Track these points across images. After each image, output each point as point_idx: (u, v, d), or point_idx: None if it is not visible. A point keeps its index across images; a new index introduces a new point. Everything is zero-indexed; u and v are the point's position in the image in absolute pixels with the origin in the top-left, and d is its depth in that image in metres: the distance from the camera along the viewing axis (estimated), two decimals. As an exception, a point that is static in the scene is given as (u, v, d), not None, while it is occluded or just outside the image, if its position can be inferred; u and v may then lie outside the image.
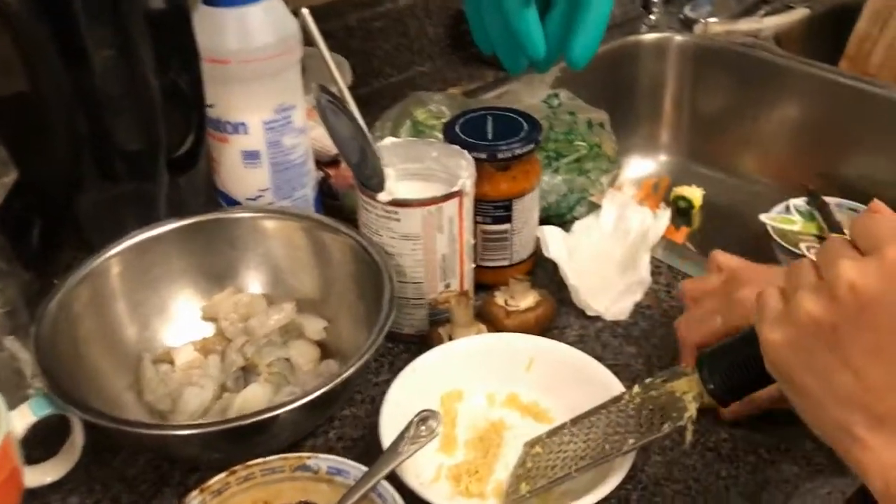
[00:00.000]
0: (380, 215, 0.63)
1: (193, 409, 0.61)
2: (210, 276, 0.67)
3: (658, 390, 0.53)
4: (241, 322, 0.66)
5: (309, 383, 0.62)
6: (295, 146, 0.70)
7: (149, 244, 0.65)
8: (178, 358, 0.64)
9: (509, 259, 0.73)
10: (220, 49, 0.65)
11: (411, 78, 1.12)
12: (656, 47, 1.22)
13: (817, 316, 0.41)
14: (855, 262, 0.41)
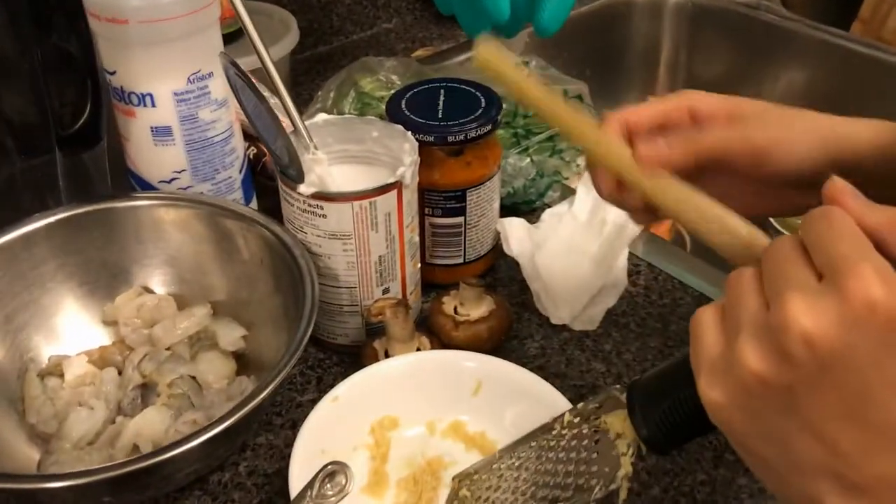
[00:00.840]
0: (302, 209, 0.54)
1: (79, 436, 0.52)
2: (103, 275, 0.58)
3: (591, 423, 0.45)
4: (145, 328, 0.57)
5: (217, 406, 0.53)
6: (214, 121, 0.60)
7: (25, 242, 0.55)
8: (68, 370, 0.55)
9: (463, 256, 0.63)
10: (117, 6, 0.54)
11: (375, 36, 1.01)
12: (650, 6, 1.11)
13: (765, 376, 0.32)
14: (807, 302, 0.31)
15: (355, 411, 0.51)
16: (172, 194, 0.60)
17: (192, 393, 0.53)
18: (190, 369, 0.54)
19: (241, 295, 0.58)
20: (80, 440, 0.52)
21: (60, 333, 0.57)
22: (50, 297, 0.56)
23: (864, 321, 0.30)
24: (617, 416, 0.44)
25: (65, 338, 0.57)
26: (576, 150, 0.72)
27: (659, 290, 0.65)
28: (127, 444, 0.51)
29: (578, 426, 0.45)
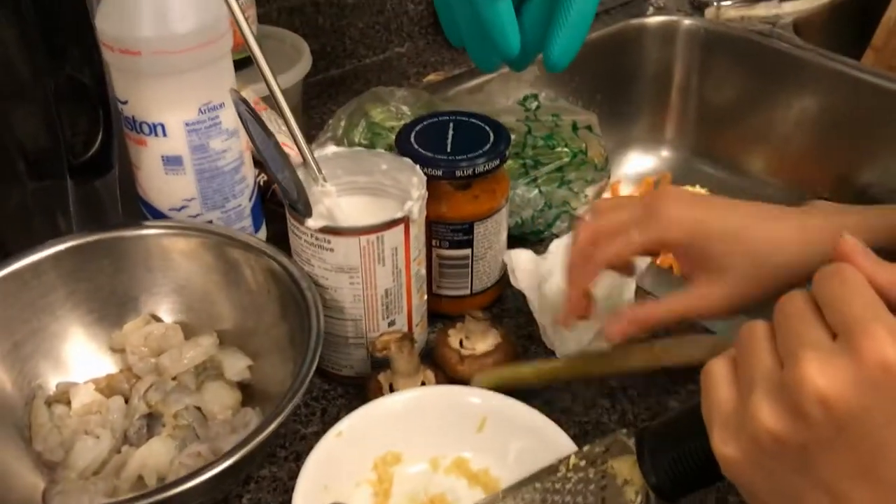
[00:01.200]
0: (310, 243, 0.54)
1: (85, 465, 0.52)
2: (112, 303, 0.58)
3: (598, 467, 0.45)
4: (152, 357, 0.57)
5: (222, 438, 0.53)
6: (225, 151, 0.61)
7: (34, 269, 0.55)
8: (75, 399, 0.55)
9: (470, 288, 0.63)
10: (130, 38, 0.54)
11: (388, 60, 1.01)
12: (662, 32, 1.11)
13: (780, 435, 0.32)
14: (822, 362, 0.31)
15: (359, 446, 0.51)
16: (181, 223, 0.60)
17: (197, 424, 0.53)
18: (195, 400, 0.54)
19: (247, 325, 0.58)
20: (85, 469, 0.52)
21: (68, 361, 0.57)
22: (58, 325, 0.56)
23: (879, 382, 0.30)
24: (624, 462, 0.44)
25: (72, 365, 0.57)
26: (585, 181, 0.72)
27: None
28: (132, 474, 0.51)
29: (585, 469, 0.45)
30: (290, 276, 0.54)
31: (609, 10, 1.09)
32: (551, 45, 0.57)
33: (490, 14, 0.57)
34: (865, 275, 0.33)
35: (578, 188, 0.72)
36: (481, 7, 0.57)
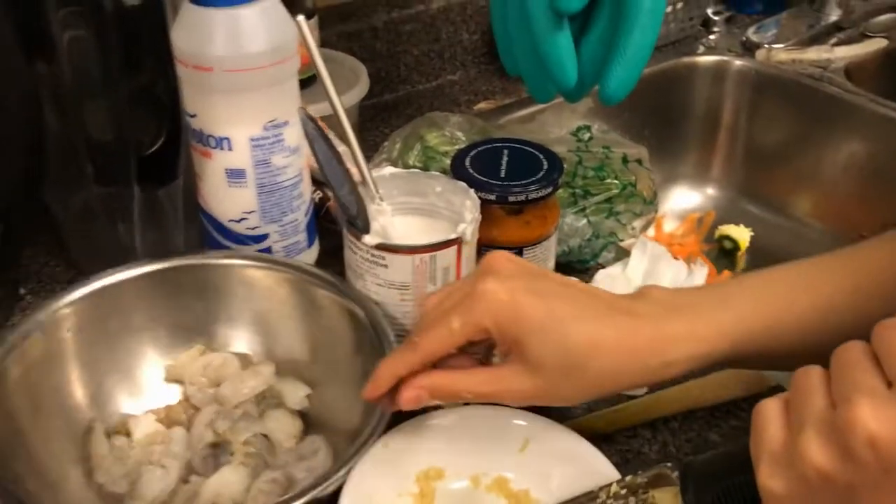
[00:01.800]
0: (365, 258, 0.55)
1: (154, 496, 0.52)
2: (178, 330, 0.59)
3: (639, 496, 0.45)
4: (210, 387, 0.58)
5: (291, 465, 0.54)
6: (286, 167, 0.63)
7: (108, 292, 0.56)
8: (136, 429, 0.56)
9: (516, 313, 0.64)
10: (204, 54, 0.57)
11: (440, 87, 1.03)
12: (713, 71, 1.12)
13: (828, 472, 0.33)
14: (876, 407, 0.32)
15: (403, 459, 0.52)
16: (264, 257, 0.62)
17: (265, 451, 0.54)
18: (261, 427, 0.55)
19: (310, 355, 0.59)
20: (154, 500, 0.52)
21: (137, 385, 0.58)
22: (132, 348, 0.58)
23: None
24: (666, 493, 0.44)
25: (140, 390, 0.58)
26: (633, 213, 0.73)
27: (708, 358, 0.65)
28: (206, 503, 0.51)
29: (625, 498, 0.46)
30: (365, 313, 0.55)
31: (660, 48, 1.10)
32: (608, 77, 0.58)
33: (549, 45, 0.58)
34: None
35: (626, 220, 0.72)
36: (541, 37, 0.59)
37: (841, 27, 1.15)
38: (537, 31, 0.59)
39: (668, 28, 1.11)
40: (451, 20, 1.02)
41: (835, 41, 1.13)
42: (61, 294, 0.55)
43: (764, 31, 1.13)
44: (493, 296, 0.45)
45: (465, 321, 0.46)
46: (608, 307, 0.47)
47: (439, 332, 0.47)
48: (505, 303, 0.45)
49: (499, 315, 0.45)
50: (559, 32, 0.58)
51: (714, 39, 1.15)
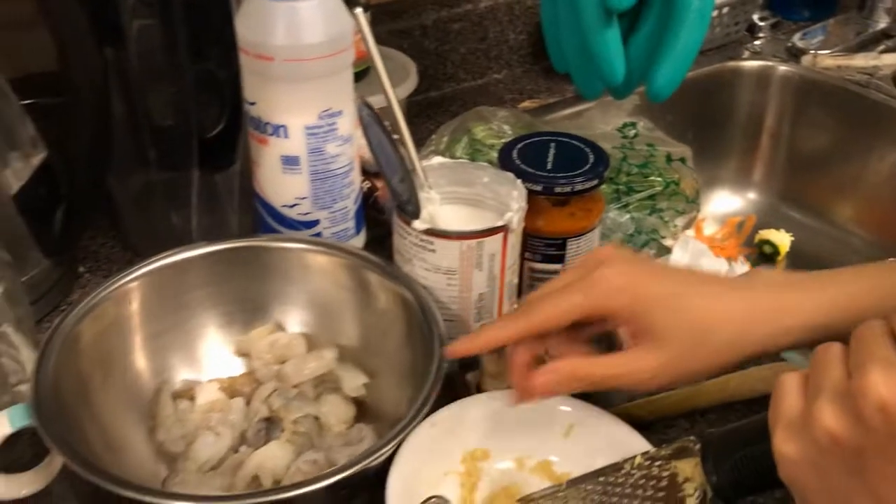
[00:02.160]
0: (414, 243, 0.57)
1: (205, 460, 0.55)
2: (236, 308, 0.61)
3: (661, 467, 0.47)
4: (275, 364, 0.60)
5: (335, 450, 0.55)
6: (338, 155, 0.65)
7: (172, 269, 0.59)
8: (199, 395, 0.58)
9: (558, 303, 0.66)
10: (265, 44, 0.59)
11: (485, 85, 1.05)
12: (757, 76, 1.12)
13: (838, 435, 0.35)
14: (887, 374, 0.33)
15: (449, 439, 0.53)
16: (321, 241, 0.63)
17: (314, 433, 0.56)
18: (314, 410, 0.57)
19: (369, 344, 0.60)
20: (204, 464, 0.54)
21: (197, 358, 0.60)
22: (193, 323, 0.60)
23: None
24: (688, 463, 0.46)
25: (200, 363, 0.60)
26: (675, 211, 0.74)
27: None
28: (248, 474, 0.53)
29: (648, 468, 0.47)
30: (418, 303, 0.56)
31: (705, 52, 1.11)
32: (656, 74, 0.59)
33: (598, 41, 0.60)
34: None
35: (668, 217, 0.74)
36: (590, 34, 0.60)
37: (889, 34, 1.15)
38: (587, 28, 0.60)
39: (714, 33, 1.11)
40: (499, 20, 1.04)
41: (882, 48, 1.13)
42: (129, 269, 0.57)
43: (810, 38, 1.13)
44: (614, 279, 0.48)
45: (587, 296, 0.48)
46: (725, 283, 0.51)
47: (558, 302, 0.48)
48: (627, 283, 0.48)
49: (625, 296, 0.48)
50: (608, 29, 0.60)
51: (759, 45, 1.15)
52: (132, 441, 0.55)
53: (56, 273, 0.68)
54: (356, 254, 0.61)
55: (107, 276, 0.57)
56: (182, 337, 0.60)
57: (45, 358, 0.51)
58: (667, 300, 0.47)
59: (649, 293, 0.48)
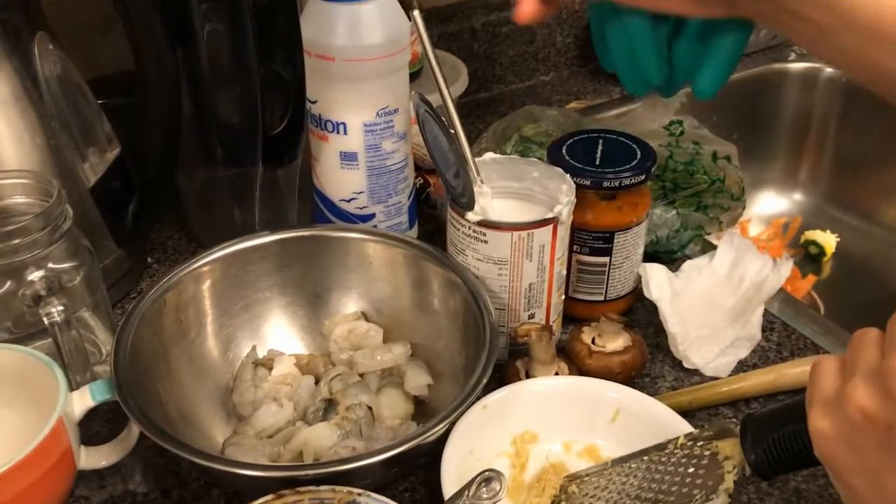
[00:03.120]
0: (467, 234, 0.60)
1: (262, 427, 0.58)
2: (307, 293, 0.65)
3: (703, 447, 0.49)
4: (350, 350, 0.63)
5: (381, 442, 0.57)
6: (394, 152, 0.68)
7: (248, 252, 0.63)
8: (276, 367, 0.62)
9: (604, 294, 0.68)
10: (327, 45, 0.62)
11: (533, 87, 1.08)
12: (804, 78, 1.13)
13: (870, 412, 0.36)
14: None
15: (500, 421, 0.56)
16: (380, 231, 0.67)
17: (364, 422, 0.58)
18: (371, 400, 0.59)
19: (435, 346, 0.62)
20: (262, 431, 0.58)
21: (270, 334, 0.64)
22: (260, 304, 0.64)
23: None
24: (728, 443, 0.48)
25: (276, 339, 0.64)
26: (720, 208, 0.75)
27: (791, 347, 0.67)
28: (295, 447, 0.56)
29: (690, 448, 0.49)
30: (472, 295, 0.58)
31: (751, 54, 1.12)
32: (702, 73, 0.61)
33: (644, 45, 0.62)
34: None
35: (714, 214, 0.75)
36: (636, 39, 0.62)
37: (938, 36, 1.15)
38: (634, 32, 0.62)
39: (759, 35, 1.12)
40: (546, 23, 1.06)
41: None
42: (206, 253, 0.61)
43: (857, 39, 1.13)
44: None
45: None
46: None
47: None
48: None
49: None
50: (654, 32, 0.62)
51: (806, 47, 1.15)
52: (205, 407, 0.59)
53: (128, 262, 0.72)
54: (413, 243, 0.63)
55: (174, 266, 0.61)
56: (253, 318, 0.63)
57: (123, 335, 0.54)
58: None
59: None
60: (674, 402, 0.59)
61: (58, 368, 0.52)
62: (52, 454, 0.49)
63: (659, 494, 0.49)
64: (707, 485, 0.47)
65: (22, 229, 0.54)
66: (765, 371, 0.63)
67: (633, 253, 0.67)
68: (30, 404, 0.54)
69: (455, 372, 0.59)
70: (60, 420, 0.49)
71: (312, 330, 0.65)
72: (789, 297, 0.73)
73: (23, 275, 0.56)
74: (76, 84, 0.66)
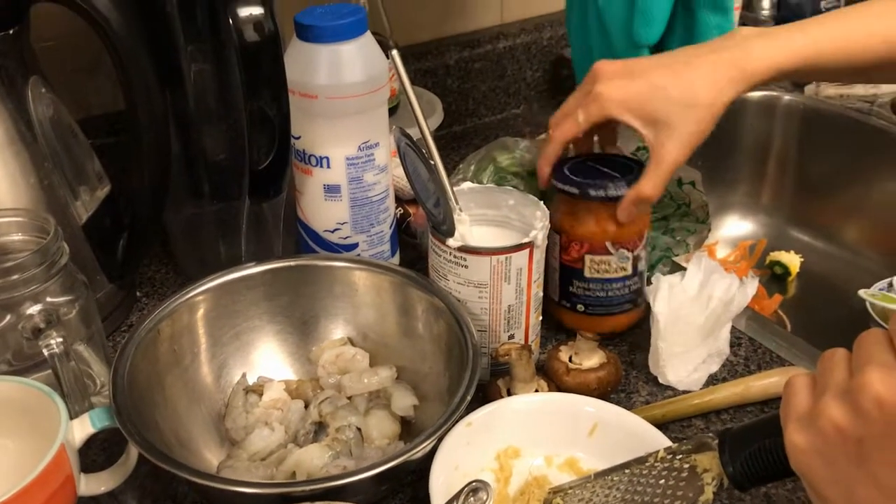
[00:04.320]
0: (448, 260, 0.63)
1: (255, 451, 0.60)
2: (296, 321, 0.67)
3: (682, 460, 0.51)
4: (337, 374, 0.65)
5: (370, 461, 0.57)
6: (375, 183, 0.71)
7: (233, 285, 0.65)
8: (267, 392, 0.64)
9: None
10: (310, 84, 0.66)
11: (505, 119, 1.12)
12: (763, 106, 1.18)
13: (842, 426, 0.39)
14: (883, 373, 0.38)
15: (485, 438, 0.58)
16: (364, 259, 0.69)
17: (354, 443, 0.60)
18: (360, 421, 0.61)
19: (420, 369, 0.64)
20: (255, 454, 0.60)
21: (260, 361, 0.66)
22: (251, 331, 0.66)
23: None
24: (706, 456, 0.50)
25: (266, 365, 0.66)
26: (686, 231, 0.79)
27: (758, 360, 0.71)
28: (288, 468, 0.58)
29: (670, 461, 0.52)
30: (458, 326, 0.60)
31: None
32: None
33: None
34: None
35: (681, 237, 0.79)
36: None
37: (887, 64, 1.21)
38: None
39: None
40: (516, 58, 1.11)
41: (881, 77, 1.18)
42: (198, 284, 0.64)
43: (812, 68, 1.19)
44: (611, 92, 0.64)
45: (587, 115, 0.65)
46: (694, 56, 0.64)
47: (568, 124, 0.67)
48: (622, 94, 0.64)
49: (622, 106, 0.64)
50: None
51: (764, 76, 1.21)
52: (201, 427, 0.61)
53: (118, 297, 0.74)
54: (397, 270, 0.66)
55: (162, 300, 0.63)
56: (244, 345, 0.66)
57: (120, 364, 0.56)
58: (655, 98, 0.63)
59: (640, 99, 0.63)
60: (648, 416, 0.62)
61: (58, 397, 0.54)
62: (55, 480, 0.51)
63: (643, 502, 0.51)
64: (687, 496, 0.50)
65: (20, 265, 0.57)
66: (734, 384, 0.66)
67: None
68: (30, 434, 0.55)
69: (440, 393, 0.61)
70: (62, 447, 0.51)
71: (301, 356, 0.68)
72: (755, 314, 0.76)
73: (21, 309, 0.58)
74: (68, 125, 0.69)
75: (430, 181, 0.62)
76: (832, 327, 0.63)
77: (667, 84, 0.63)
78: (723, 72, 0.62)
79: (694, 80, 0.62)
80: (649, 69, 0.64)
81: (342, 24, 0.65)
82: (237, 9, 0.60)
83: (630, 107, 0.63)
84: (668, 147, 0.63)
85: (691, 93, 0.62)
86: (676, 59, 0.65)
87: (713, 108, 0.63)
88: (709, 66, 0.63)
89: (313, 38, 0.65)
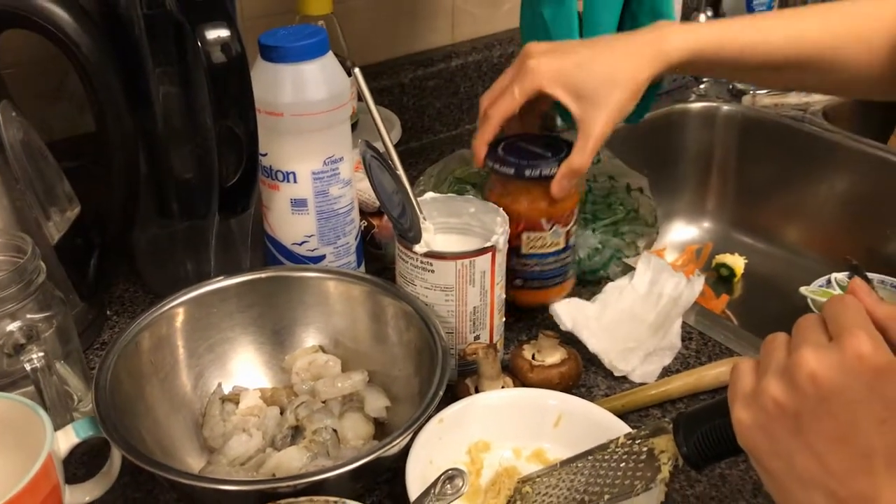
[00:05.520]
0: (415, 266, 0.66)
1: (235, 456, 0.62)
2: (270, 330, 0.69)
3: (640, 444, 0.55)
4: (311, 380, 0.67)
5: (346, 460, 0.59)
6: (340, 196, 0.74)
7: (209, 297, 0.67)
8: (243, 401, 0.66)
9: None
10: (275, 102, 0.68)
11: (459, 135, 1.16)
12: (704, 116, 1.24)
13: (781, 402, 0.42)
14: (816, 351, 0.42)
15: (455, 433, 0.61)
16: (334, 269, 0.72)
17: (330, 444, 0.62)
18: (335, 423, 0.63)
19: (390, 372, 0.67)
20: (235, 459, 0.62)
21: (235, 371, 0.68)
22: (232, 342, 0.68)
23: (855, 369, 0.40)
24: (662, 439, 0.54)
25: (241, 375, 0.68)
26: (636, 234, 0.84)
27: (708, 352, 0.75)
28: (268, 471, 0.61)
29: (630, 446, 0.55)
30: (428, 330, 0.62)
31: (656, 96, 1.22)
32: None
33: None
34: (866, 307, 0.44)
35: (630, 239, 0.83)
36: None
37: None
38: None
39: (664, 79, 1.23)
40: (469, 76, 1.15)
41: (812, 87, 1.25)
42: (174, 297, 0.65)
43: (748, 80, 1.25)
44: (542, 66, 0.68)
45: (523, 89, 0.69)
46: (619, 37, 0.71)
47: (503, 104, 0.70)
48: (552, 68, 0.68)
49: (552, 79, 0.68)
50: None
51: (704, 88, 1.27)
52: (181, 436, 0.63)
53: (90, 314, 0.76)
54: (366, 279, 0.69)
55: (132, 318, 0.65)
56: (221, 355, 0.67)
57: (101, 376, 0.58)
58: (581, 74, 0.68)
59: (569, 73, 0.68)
60: (609, 407, 0.66)
61: (41, 410, 0.55)
62: (42, 490, 0.52)
63: (604, 488, 0.55)
64: (646, 476, 0.53)
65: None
66: (687, 374, 0.70)
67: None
68: (13, 449, 0.56)
69: (411, 395, 0.64)
70: (49, 457, 0.53)
71: (275, 365, 0.70)
72: (704, 310, 0.81)
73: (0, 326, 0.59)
74: (38, 147, 0.70)
75: (395, 192, 0.65)
76: (776, 323, 0.66)
77: (592, 61, 0.68)
78: (642, 51, 0.68)
79: (616, 58, 0.68)
80: (576, 48, 0.70)
81: (305, 45, 0.68)
82: (205, 31, 0.63)
83: (560, 81, 0.68)
84: (595, 121, 0.68)
85: (614, 69, 0.68)
86: (601, 41, 0.71)
87: (634, 83, 0.68)
88: (630, 46, 0.69)
89: (278, 59, 0.68)
